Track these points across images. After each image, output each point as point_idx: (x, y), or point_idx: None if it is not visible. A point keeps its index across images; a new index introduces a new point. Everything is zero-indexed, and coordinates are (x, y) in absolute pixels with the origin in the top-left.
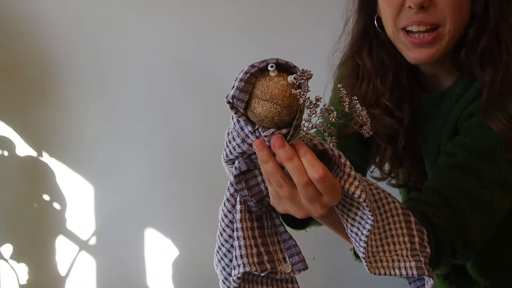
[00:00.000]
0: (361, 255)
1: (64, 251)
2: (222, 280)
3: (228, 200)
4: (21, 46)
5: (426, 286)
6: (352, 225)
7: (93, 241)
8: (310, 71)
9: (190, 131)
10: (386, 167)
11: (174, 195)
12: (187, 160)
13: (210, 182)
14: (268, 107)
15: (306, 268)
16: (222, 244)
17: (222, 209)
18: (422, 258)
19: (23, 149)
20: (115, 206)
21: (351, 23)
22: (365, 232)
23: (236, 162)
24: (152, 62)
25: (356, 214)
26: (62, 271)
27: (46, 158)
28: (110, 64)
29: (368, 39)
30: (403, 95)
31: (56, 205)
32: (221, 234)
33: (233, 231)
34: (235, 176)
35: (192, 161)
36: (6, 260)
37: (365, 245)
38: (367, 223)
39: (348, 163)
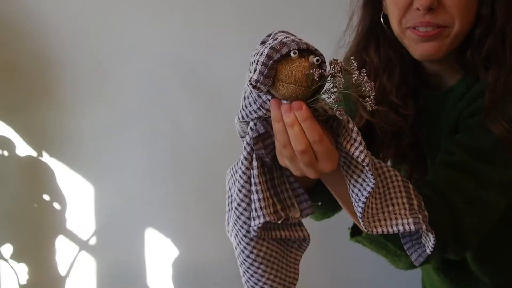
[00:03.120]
0: (358, 214)
1: (64, 251)
2: (244, 234)
3: (245, 158)
4: (21, 46)
5: (427, 250)
6: (354, 186)
7: (93, 241)
8: (340, 62)
9: (190, 131)
10: (389, 163)
11: (174, 195)
12: (187, 160)
13: (210, 182)
14: (293, 88)
15: (313, 212)
16: (241, 200)
17: (240, 167)
18: (420, 216)
19: (23, 149)
20: (115, 206)
21: (356, 19)
22: (365, 193)
23: (252, 123)
24: (152, 62)
25: (359, 176)
26: (62, 271)
27: (46, 158)
28: (110, 64)
29: (375, 36)
30: (408, 92)
31: (56, 205)
32: (240, 191)
33: (251, 186)
34: (253, 138)
35: (192, 161)
36: (6, 260)
37: (363, 205)
38: (368, 185)
39: (355, 128)
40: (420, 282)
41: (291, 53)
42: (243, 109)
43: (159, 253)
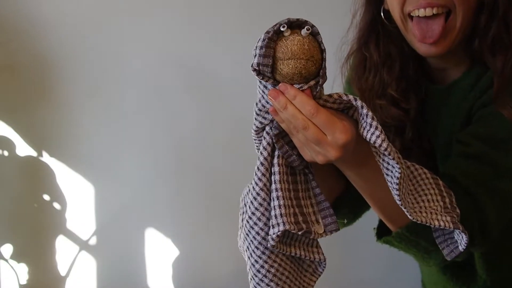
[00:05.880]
0: (398, 203)
1: (64, 251)
2: (256, 246)
3: (262, 164)
4: (21, 46)
5: (460, 247)
6: (386, 174)
7: (93, 241)
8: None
9: (191, 131)
10: None
11: (174, 195)
12: (188, 160)
13: (211, 182)
14: (293, 64)
15: (338, 229)
16: (256, 208)
17: (256, 174)
18: (455, 215)
19: (23, 149)
20: (115, 206)
21: (359, 16)
22: (395, 180)
23: (267, 128)
24: (152, 62)
25: (386, 162)
26: (62, 271)
27: (46, 158)
28: (110, 63)
29: (375, 31)
30: (409, 86)
31: (56, 205)
32: (255, 199)
33: (267, 194)
34: (275, 136)
35: (192, 161)
36: (6, 260)
37: (398, 192)
38: (396, 171)
39: (370, 113)
40: (420, 283)
41: (281, 28)
42: (257, 115)
43: (159, 253)
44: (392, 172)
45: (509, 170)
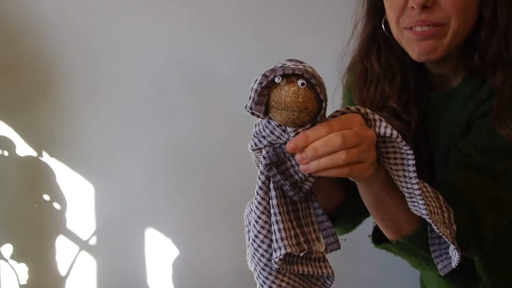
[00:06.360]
0: (418, 197)
1: (64, 251)
2: (262, 267)
3: (260, 188)
4: (21, 46)
5: (452, 263)
6: (397, 170)
7: (93, 241)
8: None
9: (191, 131)
10: None
11: (174, 195)
12: (187, 160)
13: (210, 182)
14: (286, 114)
15: (339, 248)
16: (258, 231)
17: (256, 197)
18: (451, 231)
19: (23, 149)
20: (115, 206)
21: (360, 27)
22: (410, 168)
23: (264, 151)
24: (152, 62)
25: (395, 158)
26: (62, 271)
27: (46, 158)
28: (110, 63)
29: (377, 42)
30: (411, 98)
31: (56, 205)
32: (257, 222)
33: (268, 217)
34: (266, 165)
35: (192, 161)
36: (6, 260)
37: (417, 180)
38: (408, 159)
39: (369, 111)
40: (419, 282)
41: (275, 79)
42: (254, 136)
43: (159, 253)
44: (403, 164)
45: (507, 181)
